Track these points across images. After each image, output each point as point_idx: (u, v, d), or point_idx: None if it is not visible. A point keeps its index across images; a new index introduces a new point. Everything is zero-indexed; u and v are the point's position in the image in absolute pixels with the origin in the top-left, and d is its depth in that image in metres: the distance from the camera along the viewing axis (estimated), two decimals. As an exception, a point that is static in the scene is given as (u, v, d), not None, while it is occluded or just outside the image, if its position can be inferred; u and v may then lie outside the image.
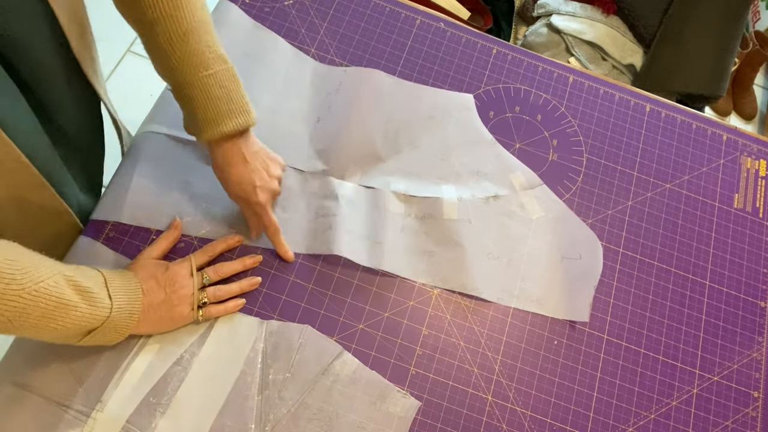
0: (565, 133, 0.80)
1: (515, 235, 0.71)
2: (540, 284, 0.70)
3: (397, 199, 0.70)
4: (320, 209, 0.69)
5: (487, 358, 0.66)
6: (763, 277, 0.75)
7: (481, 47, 0.83)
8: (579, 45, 1.28)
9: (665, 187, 0.78)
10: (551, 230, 0.72)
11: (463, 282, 0.68)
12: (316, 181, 0.70)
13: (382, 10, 0.82)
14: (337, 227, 0.67)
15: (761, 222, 0.79)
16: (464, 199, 0.71)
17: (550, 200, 0.74)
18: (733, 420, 0.68)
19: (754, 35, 1.83)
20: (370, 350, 0.64)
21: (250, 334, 0.62)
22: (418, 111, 0.76)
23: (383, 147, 0.73)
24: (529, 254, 0.71)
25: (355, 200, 0.69)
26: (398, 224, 0.69)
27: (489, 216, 0.71)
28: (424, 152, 0.74)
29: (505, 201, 0.73)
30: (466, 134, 0.76)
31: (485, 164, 0.75)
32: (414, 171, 0.73)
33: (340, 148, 0.72)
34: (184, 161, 0.68)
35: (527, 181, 0.74)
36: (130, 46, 1.62)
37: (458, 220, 0.70)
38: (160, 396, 0.58)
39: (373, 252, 0.67)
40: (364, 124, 0.73)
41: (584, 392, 0.66)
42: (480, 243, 0.70)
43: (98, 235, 0.64)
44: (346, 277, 0.67)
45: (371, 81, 0.76)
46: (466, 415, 0.63)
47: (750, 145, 0.83)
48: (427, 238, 0.69)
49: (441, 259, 0.69)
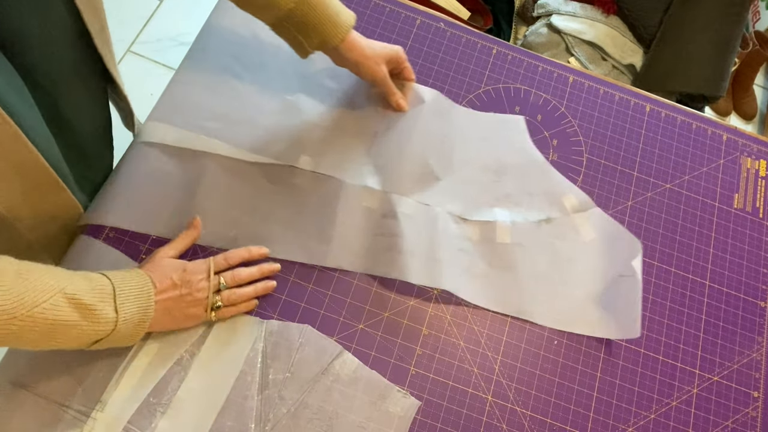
0: (565, 133, 0.80)
1: (568, 257, 0.71)
2: (592, 306, 0.69)
3: (453, 220, 0.71)
4: (378, 227, 0.68)
5: (487, 358, 0.66)
6: (763, 277, 0.75)
7: (481, 47, 0.83)
8: (579, 45, 1.28)
9: (665, 187, 0.78)
10: (604, 251, 0.72)
11: (519, 307, 0.68)
12: (375, 197, 0.70)
13: (382, 10, 0.82)
14: (398, 249, 0.66)
15: (761, 222, 0.79)
16: (517, 223, 0.71)
17: (604, 221, 0.73)
18: (733, 420, 0.68)
19: (754, 35, 1.83)
20: (370, 350, 0.64)
21: (250, 333, 0.61)
22: (472, 133, 0.76)
23: (439, 167, 0.73)
24: (582, 277, 0.70)
25: (414, 217, 0.69)
26: (456, 245, 0.69)
27: (541, 239, 0.71)
28: (478, 173, 0.74)
29: (558, 224, 0.73)
30: (519, 156, 0.76)
31: (537, 186, 0.74)
32: (468, 192, 0.73)
33: (398, 165, 0.71)
34: (179, 175, 0.68)
35: (579, 204, 0.74)
36: (130, 46, 1.62)
37: (511, 243, 0.70)
38: (160, 396, 0.58)
39: (432, 271, 0.66)
40: (421, 142, 0.73)
41: (584, 392, 0.66)
42: (533, 266, 0.70)
43: (98, 234, 0.64)
44: (346, 277, 0.67)
45: (429, 100, 0.76)
46: (466, 415, 0.63)
47: (750, 145, 0.83)
48: (481, 261, 0.69)
49: (496, 282, 0.69)
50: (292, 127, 0.72)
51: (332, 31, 0.64)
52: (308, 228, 0.67)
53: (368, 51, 0.69)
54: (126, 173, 0.67)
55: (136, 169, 0.67)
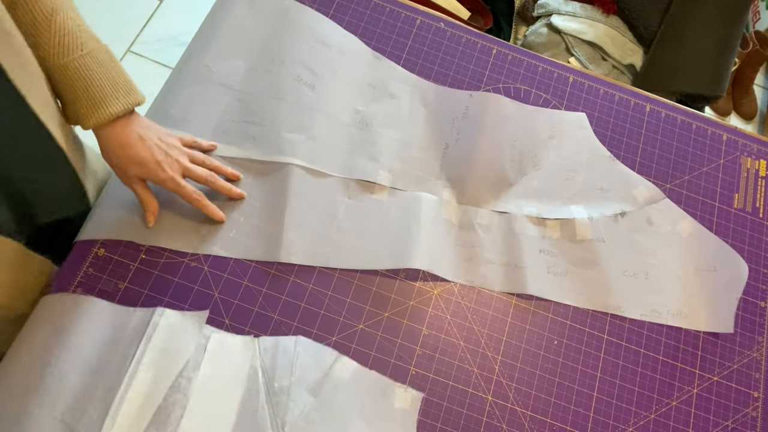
0: (565, 133, 0.79)
1: (647, 250, 0.72)
2: (679, 298, 0.71)
3: (530, 222, 0.71)
4: (458, 238, 0.70)
5: (487, 358, 0.66)
6: (763, 277, 0.75)
7: (481, 47, 0.83)
8: (579, 45, 1.28)
9: (665, 187, 0.78)
10: (681, 243, 0.73)
11: (606, 302, 0.69)
12: (452, 210, 0.71)
13: (382, 10, 0.82)
14: (478, 259, 0.69)
15: (761, 222, 0.79)
16: (594, 219, 0.72)
17: (676, 213, 0.75)
18: (733, 420, 0.68)
19: (754, 35, 1.83)
20: (370, 350, 0.64)
21: (245, 351, 0.60)
22: (537, 133, 0.77)
23: (511, 171, 0.74)
24: (664, 268, 0.72)
25: (491, 227, 0.71)
26: (536, 247, 0.70)
27: (620, 233, 0.72)
28: (549, 173, 0.75)
29: (633, 217, 0.74)
30: (586, 152, 0.77)
31: (607, 181, 0.75)
32: (542, 193, 0.74)
33: (471, 175, 0.72)
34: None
35: (650, 196, 0.75)
36: (130, 46, 1.62)
37: (592, 240, 0.71)
38: (163, 428, 0.55)
39: (514, 277, 0.68)
40: (492, 150, 0.74)
41: (584, 392, 0.66)
42: (615, 261, 0.71)
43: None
44: (346, 277, 0.67)
45: (495, 105, 0.76)
46: (466, 415, 0.63)
47: (750, 145, 0.83)
48: (564, 260, 0.70)
49: (580, 279, 0.70)
50: (366, 141, 0.73)
51: (87, 111, 0.54)
52: (396, 235, 0.68)
53: (117, 158, 0.58)
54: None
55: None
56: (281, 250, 0.64)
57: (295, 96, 0.72)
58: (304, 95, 0.72)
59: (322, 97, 0.73)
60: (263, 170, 0.69)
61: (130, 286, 0.62)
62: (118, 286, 0.61)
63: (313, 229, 0.67)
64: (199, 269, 0.64)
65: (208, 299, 0.63)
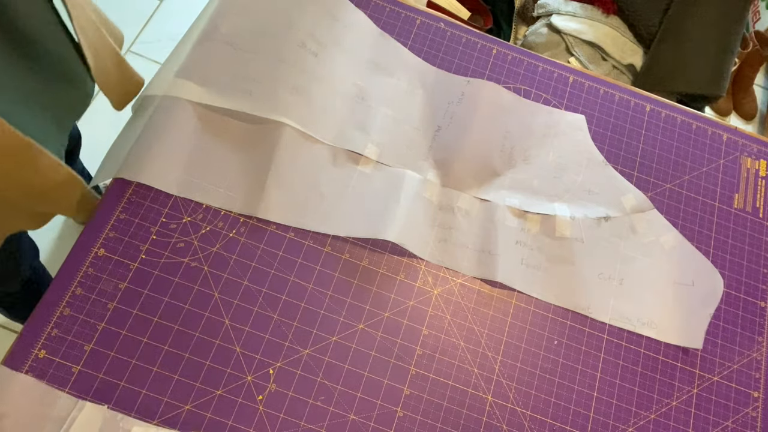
0: (565, 133, 0.79)
1: (626, 256, 0.72)
2: (651, 308, 0.70)
3: (511, 213, 0.71)
4: (436, 218, 0.70)
5: (487, 358, 0.66)
6: (763, 277, 0.75)
7: (481, 47, 0.83)
8: (579, 45, 1.28)
9: (665, 187, 0.78)
10: (662, 255, 0.73)
11: (576, 301, 0.69)
12: (434, 190, 0.71)
13: (382, 10, 0.82)
14: (453, 241, 0.69)
15: (761, 222, 0.79)
16: (577, 218, 0.72)
17: (661, 225, 0.74)
18: (733, 420, 0.68)
19: (754, 35, 1.83)
20: (370, 350, 0.64)
21: None
22: (532, 128, 0.77)
23: (499, 161, 0.74)
24: (640, 276, 0.71)
25: (471, 213, 0.71)
26: (513, 237, 0.70)
27: (600, 236, 0.72)
28: (538, 169, 0.75)
29: (616, 222, 0.73)
30: (579, 154, 0.77)
31: (597, 184, 0.75)
32: (528, 187, 0.74)
33: (458, 160, 0.72)
34: (214, 134, 0.68)
35: (638, 204, 0.74)
36: (130, 46, 1.62)
37: (570, 238, 0.71)
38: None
39: (485, 263, 0.68)
40: (482, 138, 0.74)
41: (584, 392, 0.66)
42: (591, 262, 0.71)
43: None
44: (346, 277, 0.67)
45: (492, 94, 0.76)
46: (466, 415, 0.63)
47: (750, 145, 0.83)
48: (540, 254, 0.70)
49: (552, 275, 0.70)
50: (360, 114, 0.73)
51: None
52: (374, 207, 0.68)
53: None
54: (167, 131, 0.66)
55: (183, 129, 0.66)
56: (260, 204, 0.66)
57: (297, 60, 0.72)
58: (306, 61, 0.73)
59: (324, 66, 0.73)
60: (254, 126, 0.69)
61: (130, 286, 0.62)
62: (118, 286, 0.61)
63: (295, 190, 0.67)
64: (199, 269, 0.64)
65: (208, 299, 0.63)
